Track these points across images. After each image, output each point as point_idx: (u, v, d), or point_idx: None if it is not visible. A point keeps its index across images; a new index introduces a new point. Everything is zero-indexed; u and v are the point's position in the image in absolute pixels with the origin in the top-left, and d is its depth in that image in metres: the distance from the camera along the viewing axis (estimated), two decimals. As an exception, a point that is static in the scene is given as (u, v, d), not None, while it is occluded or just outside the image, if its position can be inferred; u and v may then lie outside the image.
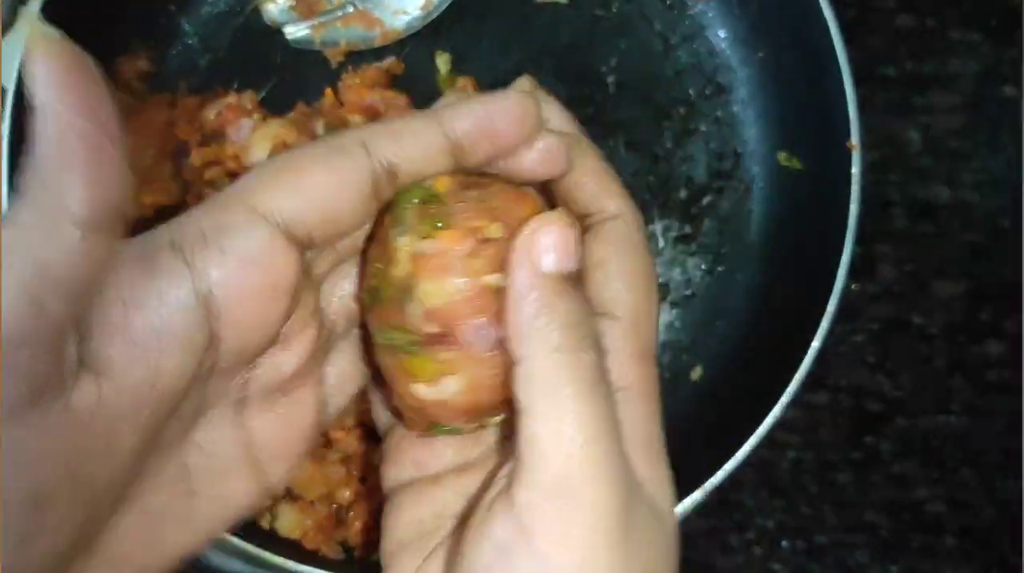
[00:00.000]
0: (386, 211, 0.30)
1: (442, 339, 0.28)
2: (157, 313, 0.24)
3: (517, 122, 0.28)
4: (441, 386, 0.29)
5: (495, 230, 0.28)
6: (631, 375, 0.28)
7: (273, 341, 0.28)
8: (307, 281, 0.29)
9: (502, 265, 0.28)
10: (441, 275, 0.28)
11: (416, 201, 0.29)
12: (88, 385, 0.23)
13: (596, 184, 0.32)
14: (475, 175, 0.31)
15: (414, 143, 0.28)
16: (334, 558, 0.52)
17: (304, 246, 0.27)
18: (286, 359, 0.29)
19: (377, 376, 0.33)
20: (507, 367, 0.27)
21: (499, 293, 0.28)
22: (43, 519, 0.22)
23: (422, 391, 0.29)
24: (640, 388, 0.28)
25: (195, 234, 0.25)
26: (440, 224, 0.29)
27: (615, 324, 0.29)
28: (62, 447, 0.22)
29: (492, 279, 0.28)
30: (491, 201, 0.29)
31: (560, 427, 0.25)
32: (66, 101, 0.22)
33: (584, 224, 0.31)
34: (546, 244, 0.26)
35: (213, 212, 0.26)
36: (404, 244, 0.28)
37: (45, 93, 0.22)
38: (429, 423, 0.31)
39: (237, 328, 0.26)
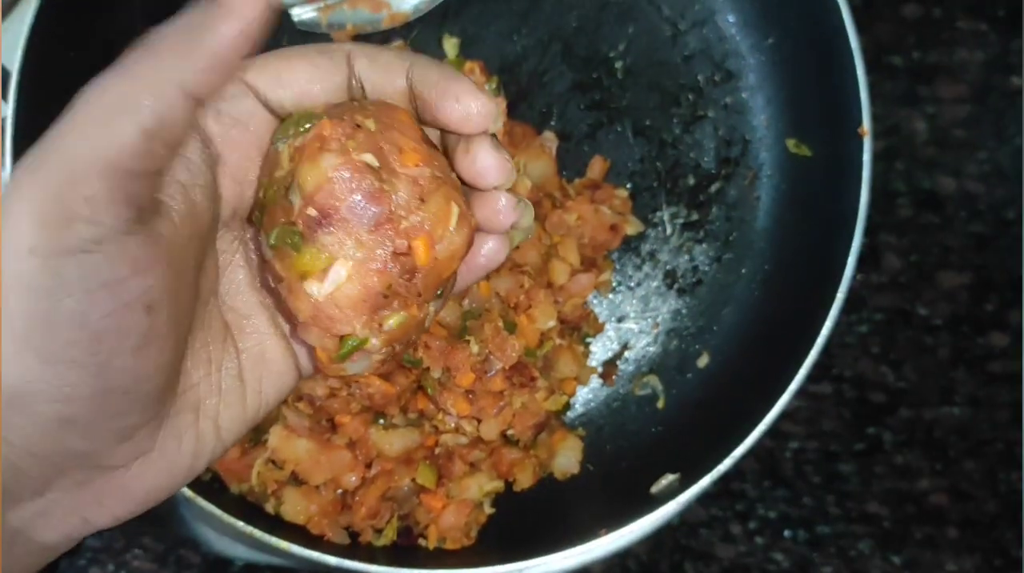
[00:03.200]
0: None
1: (323, 222, 0.29)
2: (184, 156, 0.30)
3: (462, 114, 0.31)
4: (329, 277, 0.29)
5: (370, 123, 0.29)
6: None
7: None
8: None
9: (376, 149, 0.28)
10: (316, 157, 0.29)
11: (296, 120, 0.31)
12: (164, 218, 0.29)
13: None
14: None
15: (384, 72, 0.33)
16: (339, 543, 0.51)
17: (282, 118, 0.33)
18: None
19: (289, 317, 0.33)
20: (394, 251, 0.29)
21: (375, 172, 0.28)
22: (154, 324, 0.28)
23: (314, 289, 0.29)
24: None
25: None
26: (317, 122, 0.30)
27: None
28: (160, 261, 0.28)
29: (367, 158, 0.29)
30: (366, 106, 0.30)
31: None
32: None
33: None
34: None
35: None
36: (283, 147, 0.30)
37: None
38: (336, 345, 0.30)
39: (230, 180, 0.32)
